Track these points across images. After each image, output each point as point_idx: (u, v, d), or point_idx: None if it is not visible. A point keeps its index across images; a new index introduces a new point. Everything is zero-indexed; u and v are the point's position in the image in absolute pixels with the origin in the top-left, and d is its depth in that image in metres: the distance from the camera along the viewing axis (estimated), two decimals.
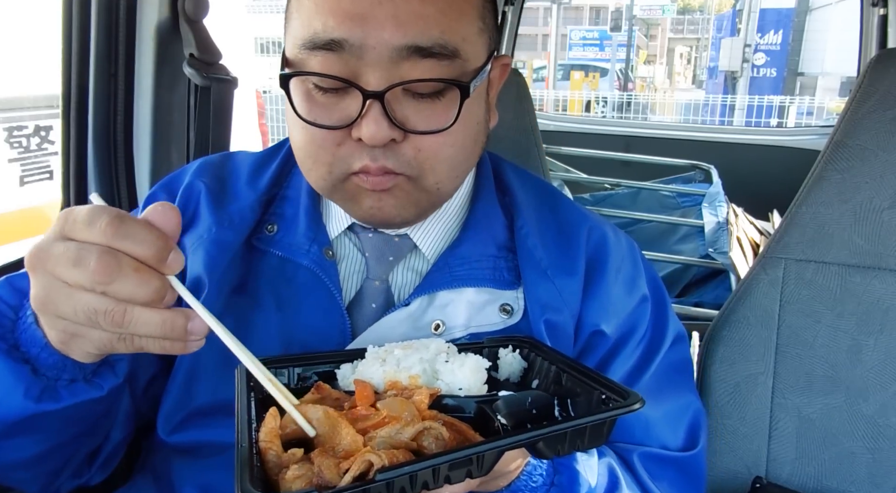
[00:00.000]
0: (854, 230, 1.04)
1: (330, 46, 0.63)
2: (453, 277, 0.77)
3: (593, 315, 0.80)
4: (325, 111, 0.67)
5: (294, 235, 0.79)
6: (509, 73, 0.82)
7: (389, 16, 0.62)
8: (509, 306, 0.77)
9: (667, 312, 0.86)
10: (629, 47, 19.85)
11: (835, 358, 1.05)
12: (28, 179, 1.95)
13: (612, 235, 0.86)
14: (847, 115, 1.05)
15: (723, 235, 2.42)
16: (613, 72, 19.64)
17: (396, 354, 0.63)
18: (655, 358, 0.82)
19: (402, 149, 0.67)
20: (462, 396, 0.59)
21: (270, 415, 0.53)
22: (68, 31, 1.25)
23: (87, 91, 1.28)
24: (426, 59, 0.64)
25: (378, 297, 0.79)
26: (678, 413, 0.83)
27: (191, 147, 1.42)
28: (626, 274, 0.83)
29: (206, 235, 0.78)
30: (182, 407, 0.76)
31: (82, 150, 1.30)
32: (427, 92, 0.66)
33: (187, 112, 1.41)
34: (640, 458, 0.79)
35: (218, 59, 1.37)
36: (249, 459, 0.48)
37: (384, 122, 0.64)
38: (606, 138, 3.47)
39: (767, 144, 3.24)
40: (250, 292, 0.78)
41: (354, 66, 0.64)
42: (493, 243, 0.80)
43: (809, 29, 15.00)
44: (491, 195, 0.85)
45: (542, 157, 1.81)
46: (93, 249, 0.50)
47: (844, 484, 1.05)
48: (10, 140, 1.88)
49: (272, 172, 0.85)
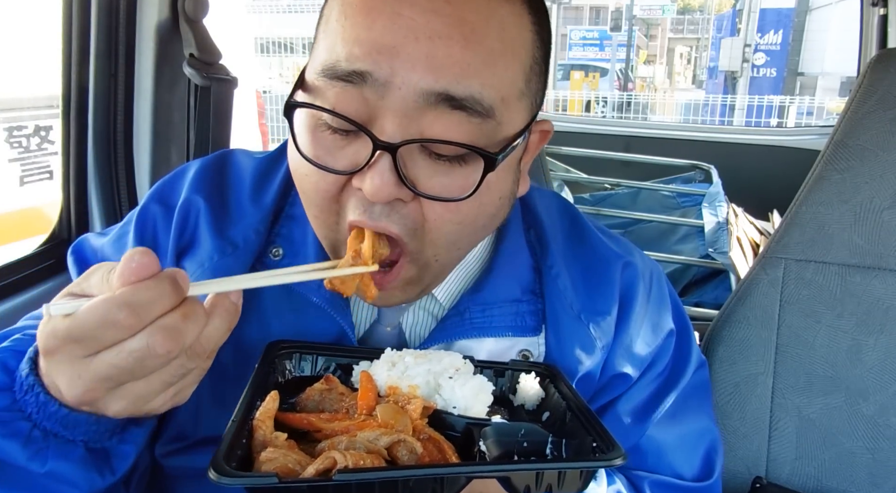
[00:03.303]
0: (854, 230, 1.04)
1: (351, 78, 0.55)
2: (473, 326, 0.71)
3: (618, 358, 0.76)
4: (330, 153, 0.59)
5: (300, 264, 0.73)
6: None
7: (424, 55, 0.54)
8: (528, 352, 0.72)
9: (690, 341, 0.82)
10: (629, 47, 19.84)
11: (835, 358, 1.05)
12: (28, 179, 1.94)
13: (641, 269, 0.80)
14: (847, 115, 1.05)
15: (723, 235, 2.42)
16: (613, 72, 19.63)
17: (407, 361, 0.63)
18: (675, 389, 0.79)
19: (406, 209, 0.59)
20: (455, 414, 0.58)
21: (270, 397, 0.54)
22: (68, 31, 1.25)
23: (87, 91, 1.28)
24: (455, 112, 0.56)
25: (391, 341, 0.74)
26: (694, 439, 0.80)
27: (191, 147, 1.42)
28: (653, 310, 0.79)
29: (208, 264, 0.73)
30: (184, 438, 0.72)
31: (82, 150, 1.30)
32: (448, 154, 0.58)
33: (187, 112, 1.41)
34: (651, 486, 0.76)
35: (218, 59, 1.37)
36: (237, 435, 0.49)
37: (392, 177, 0.56)
38: (606, 138, 3.47)
39: (767, 144, 3.24)
40: (256, 319, 0.72)
41: (373, 107, 0.56)
42: (518, 287, 0.74)
43: (809, 29, 14.99)
44: (518, 234, 0.78)
45: (542, 157, 1.81)
46: (143, 335, 0.47)
47: (844, 484, 1.05)
48: (10, 140, 1.88)
49: (277, 182, 0.78)
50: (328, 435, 0.54)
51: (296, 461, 0.48)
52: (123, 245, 0.78)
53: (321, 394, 0.60)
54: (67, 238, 1.34)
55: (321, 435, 0.54)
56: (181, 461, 0.73)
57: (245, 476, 0.46)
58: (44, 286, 1.20)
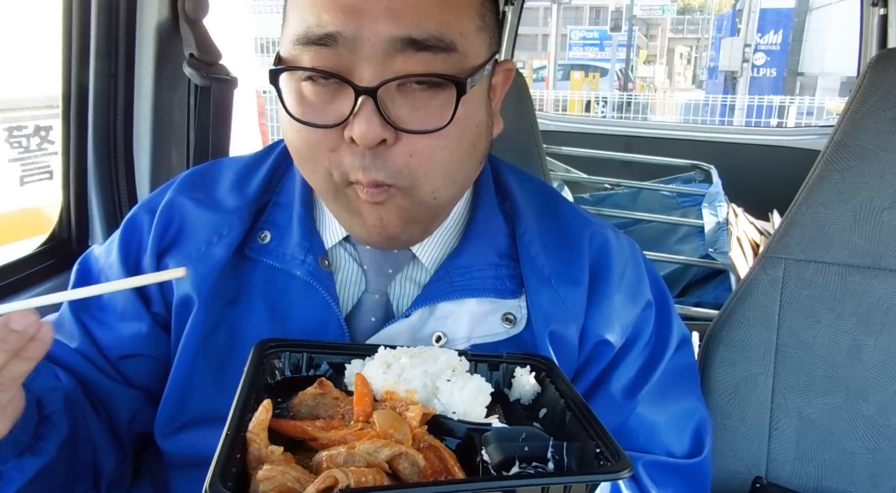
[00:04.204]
0: (854, 230, 1.04)
1: (324, 41, 0.62)
2: (454, 287, 0.75)
3: (598, 326, 0.78)
4: (317, 111, 0.65)
5: (287, 245, 0.77)
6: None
7: (383, 8, 0.61)
8: (512, 315, 0.75)
9: (670, 315, 0.84)
10: (629, 47, 19.85)
11: (835, 358, 1.05)
12: (28, 179, 1.94)
13: (614, 239, 0.84)
14: (847, 115, 1.05)
15: (723, 236, 2.42)
16: (613, 72, 19.64)
17: (403, 362, 0.62)
18: (660, 363, 0.81)
19: (393, 155, 0.64)
20: (455, 420, 0.58)
21: (263, 407, 0.53)
22: (68, 31, 1.25)
23: (87, 91, 1.28)
24: (421, 53, 0.62)
25: (378, 310, 0.77)
26: (683, 418, 0.81)
27: (191, 147, 1.42)
28: (630, 280, 0.82)
29: (195, 254, 0.77)
30: (178, 417, 0.75)
31: (82, 150, 1.30)
32: (422, 89, 0.64)
33: (187, 112, 1.41)
34: (646, 467, 0.77)
35: (218, 59, 1.37)
36: (231, 450, 0.48)
37: (376, 119, 0.62)
38: (606, 138, 3.47)
39: (767, 144, 3.24)
40: (243, 302, 0.76)
41: (348, 61, 0.62)
42: (495, 252, 0.78)
43: (809, 29, 15.00)
44: (491, 202, 0.82)
45: (542, 157, 1.80)
46: None
47: (844, 484, 1.05)
48: (10, 140, 1.88)
49: (262, 176, 0.82)
50: (324, 445, 0.53)
51: (295, 479, 0.47)
52: (109, 252, 0.82)
53: (315, 399, 0.59)
54: (67, 238, 1.34)
55: (317, 444, 0.53)
56: (176, 443, 0.75)
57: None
58: (44, 286, 1.20)
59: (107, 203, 1.34)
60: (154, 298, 0.79)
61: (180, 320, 0.77)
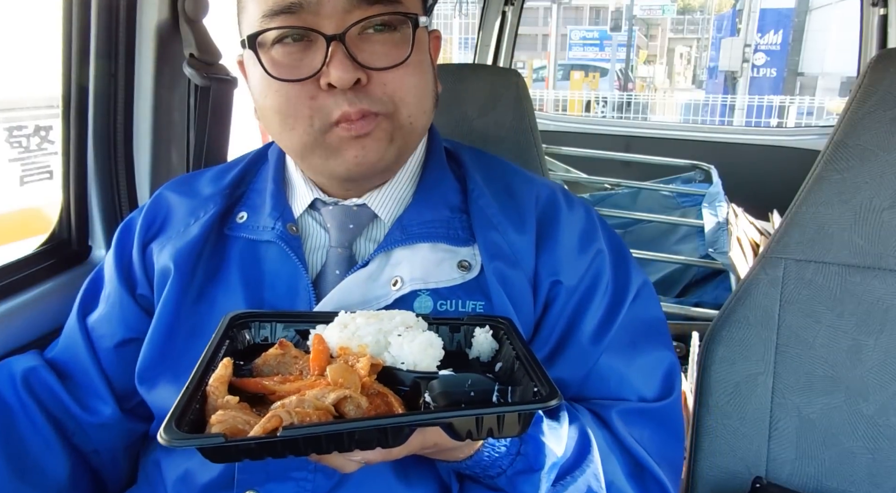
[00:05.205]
0: (854, 230, 1.04)
1: (290, 9, 0.70)
2: (408, 235, 0.81)
3: (548, 268, 0.83)
4: (291, 68, 0.72)
5: (260, 218, 0.85)
6: (510, 74, 0.84)
7: None
8: (466, 262, 0.81)
9: (628, 264, 0.88)
10: (629, 47, 19.85)
11: (835, 358, 1.05)
12: (28, 179, 1.95)
13: (562, 196, 0.89)
14: (847, 115, 1.05)
15: (723, 236, 2.42)
16: (613, 72, 19.65)
17: (358, 322, 0.66)
18: (621, 308, 0.84)
19: (370, 90, 0.73)
20: (404, 370, 0.61)
21: (222, 365, 0.58)
22: (68, 31, 1.25)
23: (87, 91, 1.28)
24: (374, 5, 0.72)
25: (341, 263, 0.83)
26: (652, 366, 0.85)
27: (191, 147, 1.42)
28: (580, 229, 0.86)
29: (175, 236, 0.87)
30: (156, 368, 0.82)
31: (82, 150, 1.30)
32: (380, 32, 0.73)
33: (187, 112, 1.41)
34: (618, 415, 0.80)
35: (218, 59, 1.37)
36: (189, 400, 0.52)
37: (349, 62, 0.70)
38: (606, 138, 3.47)
39: (767, 144, 3.24)
40: (222, 278, 0.84)
41: (313, 22, 0.71)
42: (446, 206, 0.85)
43: (809, 29, 15.01)
44: (441, 162, 0.89)
45: (541, 157, 1.80)
46: None
47: (844, 484, 1.05)
48: (10, 140, 1.89)
49: (237, 171, 0.92)
50: (281, 397, 0.56)
51: (245, 421, 0.50)
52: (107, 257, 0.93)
53: (276, 359, 0.63)
54: (67, 238, 1.33)
55: (275, 397, 0.56)
56: (156, 397, 0.83)
57: (193, 438, 0.48)
58: (44, 286, 1.20)
59: (107, 203, 1.34)
60: (139, 281, 0.88)
61: (161, 289, 0.84)
